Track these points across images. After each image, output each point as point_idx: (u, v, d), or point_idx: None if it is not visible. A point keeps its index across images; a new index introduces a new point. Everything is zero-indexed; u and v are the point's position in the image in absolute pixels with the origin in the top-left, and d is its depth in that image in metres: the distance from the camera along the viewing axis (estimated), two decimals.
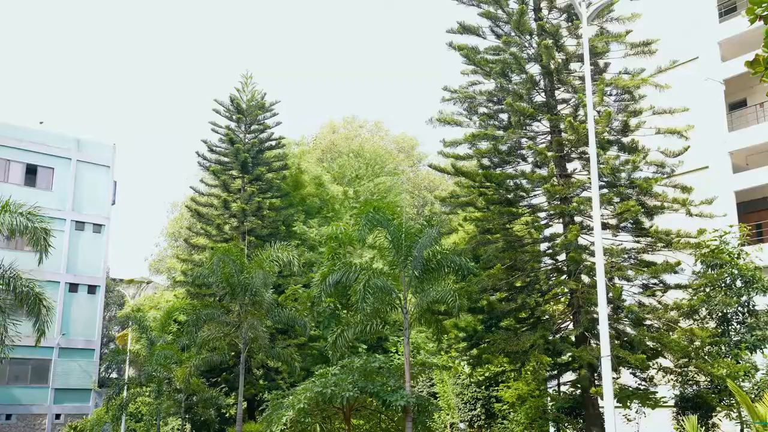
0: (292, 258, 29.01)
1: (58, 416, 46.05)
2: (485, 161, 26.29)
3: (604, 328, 16.69)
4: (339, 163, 56.95)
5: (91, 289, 48.78)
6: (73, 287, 47.93)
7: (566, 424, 25.93)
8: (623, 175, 23.80)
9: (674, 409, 24.19)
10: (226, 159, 40.98)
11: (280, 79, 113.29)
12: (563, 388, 27.27)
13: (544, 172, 24.85)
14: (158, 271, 63.09)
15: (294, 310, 30.65)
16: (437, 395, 34.09)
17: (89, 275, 48.62)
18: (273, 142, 42.32)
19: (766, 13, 6.10)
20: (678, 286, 23.86)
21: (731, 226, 24.72)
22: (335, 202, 48.60)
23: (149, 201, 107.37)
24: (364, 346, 34.79)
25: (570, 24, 25.80)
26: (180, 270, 43.26)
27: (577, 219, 24.87)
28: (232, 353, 31.37)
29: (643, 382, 24.49)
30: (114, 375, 62.08)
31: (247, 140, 41.36)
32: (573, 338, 24.25)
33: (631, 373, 24.70)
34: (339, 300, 25.91)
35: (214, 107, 41.35)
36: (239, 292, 28.29)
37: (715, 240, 23.78)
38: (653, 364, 23.66)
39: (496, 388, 31.59)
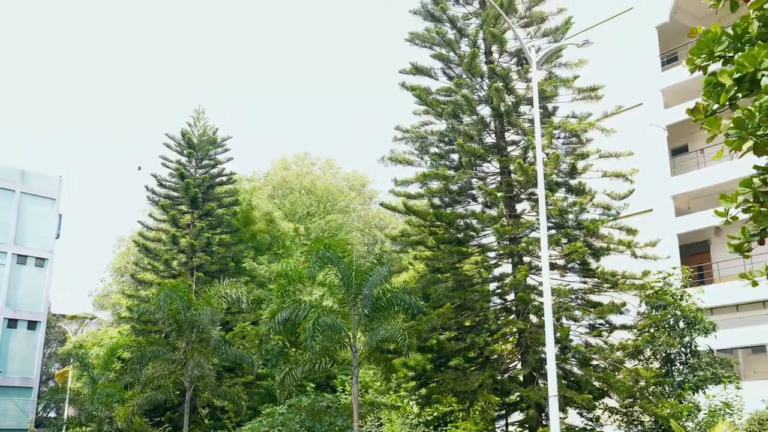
0: (241, 295, 28.73)
1: None
2: (436, 201, 26.53)
3: (551, 368, 16.84)
4: (290, 199, 56.78)
5: (31, 325, 47.37)
6: (12, 323, 46.47)
7: None
8: (571, 216, 24.23)
9: None
10: (175, 194, 40.59)
11: (233, 115, 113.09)
12: (511, 429, 27.29)
13: (493, 212, 25.17)
14: (102, 307, 61.68)
15: (242, 347, 30.27)
16: None
17: (30, 310, 47.25)
18: (224, 178, 42.11)
19: (705, 63, 6.36)
20: (623, 327, 24.25)
21: (674, 268, 25.28)
22: (286, 239, 48.32)
23: (95, 235, 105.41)
24: (312, 385, 34.36)
25: (520, 68, 26.38)
26: (125, 306, 42.43)
27: (526, 259, 25.16)
28: (177, 392, 30.73)
29: (590, 422, 24.65)
30: (53, 414, 60.13)
31: (197, 175, 41.07)
32: (521, 378, 24.38)
33: (578, 413, 24.87)
34: (288, 338, 25.70)
35: (165, 141, 41.04)
36: (186, 328, 27.84)
37: (659, 282, 24.30)
38: (599, 404, 23.88)
39: (444, 428, 31.38)
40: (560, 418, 18.77)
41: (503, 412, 26.67)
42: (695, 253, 33.43)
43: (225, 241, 40.02)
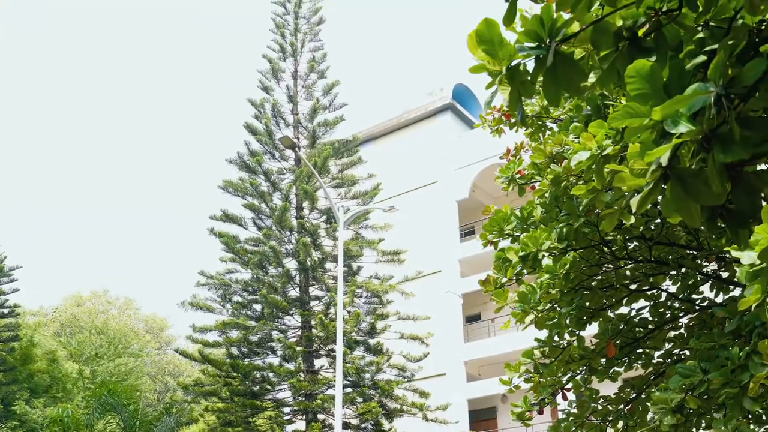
0: None
1: None
2: (234, 350, 25.93)
3: None
4: (78, 338, 53.22)
5: None
6: None
7: None
8: (367, 375, 24.48)
9: None
10: None
11: (25, 245, 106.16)
12: None
13: (291, 366, 24.93)
14: None
15: None
16: None
17: None
18: (6, 310, 38.96)
19: (496, 239, 6.91)
20: None
21: None
22: (68, 381, 44.75)
23: None
24: None
25: (329, 226, 27.14)
26: None
27: (321, 416, 24.85)
28: None
29: None
30: None
31: None
32: None
33: None
34: None
35: None
36: None
37: None
38: None
39: None
40: None
41: None
42: (483, 419, 34.51)
43: None
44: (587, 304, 6.97)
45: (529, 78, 2.75)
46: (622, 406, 7.56)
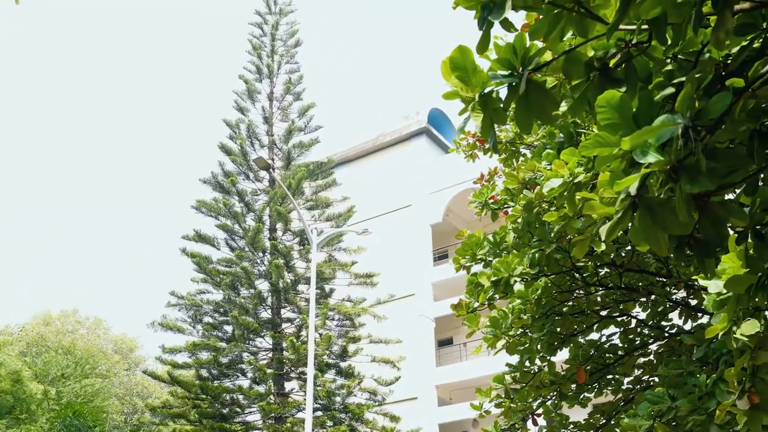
0: None
1: None
2: (204, 372, 25.65)
3: None
4: (45, 358, 52.32)
5: None
6: None
7: None
8: (338, 399, 24.34)
9: None
10: None
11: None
12: None
13: (262, 389, 24.71)
14: None
15: None
16: None
17: None
18: None
19: (468, 264, 6.94)
20: None
21: None
22: (32, 402, 43.85)
23: None
24: None
25: (302, 248, 27.05)
26: None
27: None
28: None
29: None
30: None
31: None
32: None
33: None
34: None
35: None
36: None
37: None
38: None
39: None
40: None
41: None
42: None
43: None
44: (558, 329, 7.00)
45: (501, 105, 2.79)
46: None
